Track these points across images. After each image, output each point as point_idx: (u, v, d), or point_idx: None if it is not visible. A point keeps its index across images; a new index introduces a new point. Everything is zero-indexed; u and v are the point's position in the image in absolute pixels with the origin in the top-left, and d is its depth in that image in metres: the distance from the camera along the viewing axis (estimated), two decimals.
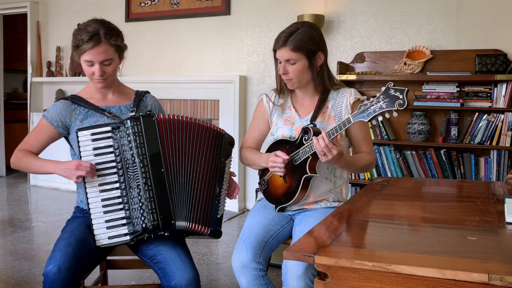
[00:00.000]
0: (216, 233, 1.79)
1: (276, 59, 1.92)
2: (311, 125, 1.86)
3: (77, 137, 1.68)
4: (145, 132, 1.68)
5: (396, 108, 1.55)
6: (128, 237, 1.67)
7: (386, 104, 1.57)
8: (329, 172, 1.92)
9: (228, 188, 1.88)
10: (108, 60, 1.77)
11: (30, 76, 5.71)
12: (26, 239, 3.50)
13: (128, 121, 1.68)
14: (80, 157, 1.68)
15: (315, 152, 1.75)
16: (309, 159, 1.78)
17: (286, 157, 1.81)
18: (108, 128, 1.69)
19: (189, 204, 1.72)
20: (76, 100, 1.84)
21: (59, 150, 3.11)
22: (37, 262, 3.02)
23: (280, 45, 1.84)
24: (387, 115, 1.59)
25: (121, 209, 1.67)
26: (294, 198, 1.83)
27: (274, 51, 1.89)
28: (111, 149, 1.68)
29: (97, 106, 1.84)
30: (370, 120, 1.61)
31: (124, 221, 1.67)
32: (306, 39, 1.84)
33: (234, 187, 1.94)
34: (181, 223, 1.69)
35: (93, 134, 1.68)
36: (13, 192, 5.23)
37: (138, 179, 1.66)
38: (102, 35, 1.74)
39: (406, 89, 1.55)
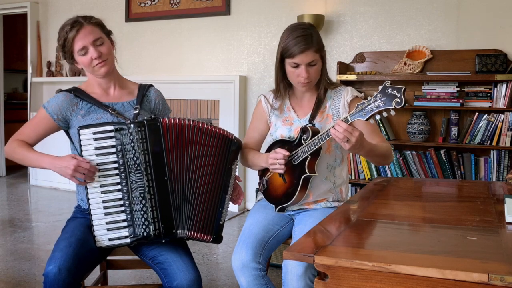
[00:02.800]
0: (218, 239, 1.78)
1: (281, 65, 1.88)
2: (310, 125, 1.86)
3: (79, 135, 1.65)
4: (149, 138, 1.65)
5: (393, 107, 1.54)
6: (128, 240, 1.66)
7: (384, 103, 1.55)
8: (329, 171, 1.92)
9: (232, 193, 1.86)
10: (99, 39, 1.76)
11: (30, 76, 5.71)
12: (26, 239, 3.50)
13: (132, 125, 1.64)
14: (82, 156, 1.65)
15: (314, 151, 1.74)
16: (308, 158, 1.78)
17: (287, 153, 1.79)
18: (111, 128, 1.65)
19: (192, 213, 1.71)
20: (79, 93, 1.80)
21: (58, 143, 3.10)
22: (37, 262, 3.02)
23: (304, 49, 1.79)
24: (384, 114, 1.57)
25: (122, 212, 1.66)
26: (294, 198, 1.83)
27: (288, 56, 1.82)
28: (113, 150, 1.66)
29: (100, 102, 1.80)
30: (368, 119, 1.59)
31: (125, 223, 1.66)
32: (320, 39, 1.86)
33: (238, 192, 1.92)
34: (182, 232, 1.69)
35: (95, 133, 1.65)
36: (13, 192, 5.23)
37: (141, 186, 1.64)
38: (82, 20, 1.76)
39: (403, 87, 1.53)
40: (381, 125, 3.76)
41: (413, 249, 1.22)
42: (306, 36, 1.81)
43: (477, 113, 3.54)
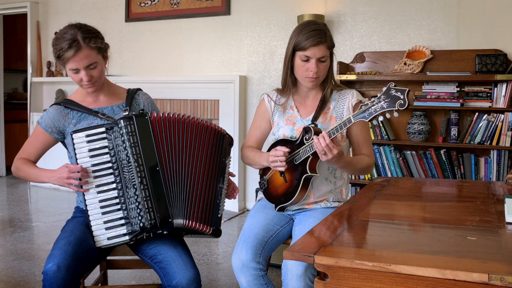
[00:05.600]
0: (217, 232, 1.79)
1: (291, 59, 1.88)
2: (312, 125, 1.86)
3: (72, 139, 1.68)
4: (138, 131, 1.68)
5: (396, 108, 1.55)
6: (127, 237, 1.66)
7: (387, 104, 1.57)
8: (330, 173, 1.92)
9: (227, 189, 1.88)
10: (93, 64, 1.76)
11: (30, 76, 5.71)
12: (26, 239, 3.50)
13: (121, 121, 1.68)
14: (76, 159, 1.68)
15: (315, 151, 1.74)
16: (310, 158, 1.78)
17: (287, 149, 1.81)
18: (102, 129, 1.69)
19: (189, 202, 1.72)
20: (69, 104, 1.84)
21: (58, 154, 3.10)
22: (37, 262, 3.02)
23: (317, 42, 1.81)
24: (387, 115, 1.59)
25: (119, 210, 1.67)
26: (294, 198, 1.83)
27: (300, 49, 1.83)
28: (106, 150, 1.69)
29: (90, 108, 1.84)
30: (371, 120, 1.61)
31: (122, 221, 1.67)
32: (332, 37, 1.89)
33: (233, 187, 1.95)
34: (179, 221, 1.69)
35: (87, 135, 1.68)
36: (13, 192, 5.23)
37: (134, 178, 1.66)
38: (81, 40, 1.71)
39: (407, 89, 1.55)
40: (381, 125, 3.76)
41: (413, 249, 1.22)
42: (320, 31, 1.84)
43: (477, 113, 3.54)
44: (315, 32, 1.82)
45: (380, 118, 1.61)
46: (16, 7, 5.75)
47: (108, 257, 1.90)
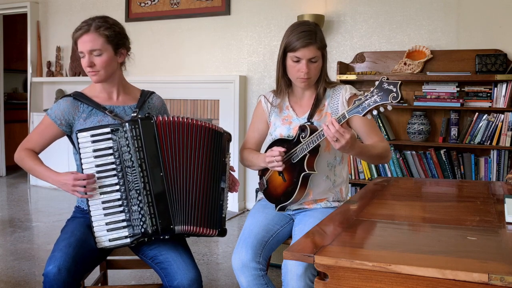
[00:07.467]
0: (223, 232, 1.79)
1: (283, 60, 1.89)
2: (308, 123, 1.86)
3: (77, 138, 1.67)
4: (143, 135, 1.67)
5: (390, 101, 1.54)
6: (128, 240, 1.66)
7: (380, 98, 1.55)
8: (329, 170, 1.92)
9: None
10: (96, 51, 1.76)
11: (30, 76, 5.71)
12: (26, 239, 3.50)
13: (127, 124, 1.67)
14: (80, 159, 1.68)
15: (312, 149, 1.74)
16: (307, 156, 1.78)
17: (282, 149, 1.81)
18: (108, 130, 1.68)
19: (191, 207, 1.71)
20: (79, 96, 1.83)
21: (59, 149, 3.11)
22: (37, 262, 3.02)
23: (307, 44, 1.81)
24: (381, 109, 1.57)
25: (121, 212, 1.67)
26: (294, 197, 1.83)
27: (291, 50, 1.84)
28: (111, 151, 1.67)
29: (99, 104, 1.83)
30: (365, 115, 1.59)
31: (124, 223, 1.66)
32: (323, 37, 1.88)
33: (233, 180, 1.93)
34: (181, 227, 1.68)
35: (92, 135, 1.67)
36: (13, 192, 5.23)
37: (137, 183, 1.65)
38: (93, 26, 1.76)
39: (400, 81, 1.53)
40: (381, 125, 3.76)
41: (413, 249, 1.22)
42: (310, 32, 1.83)
43: (477, 113, 3.54)
44: (305, 33, 1.82)
45: (375, 112, 1.59)
46: (16, 7, 5.75)
47: (108, 257, 1.89)
